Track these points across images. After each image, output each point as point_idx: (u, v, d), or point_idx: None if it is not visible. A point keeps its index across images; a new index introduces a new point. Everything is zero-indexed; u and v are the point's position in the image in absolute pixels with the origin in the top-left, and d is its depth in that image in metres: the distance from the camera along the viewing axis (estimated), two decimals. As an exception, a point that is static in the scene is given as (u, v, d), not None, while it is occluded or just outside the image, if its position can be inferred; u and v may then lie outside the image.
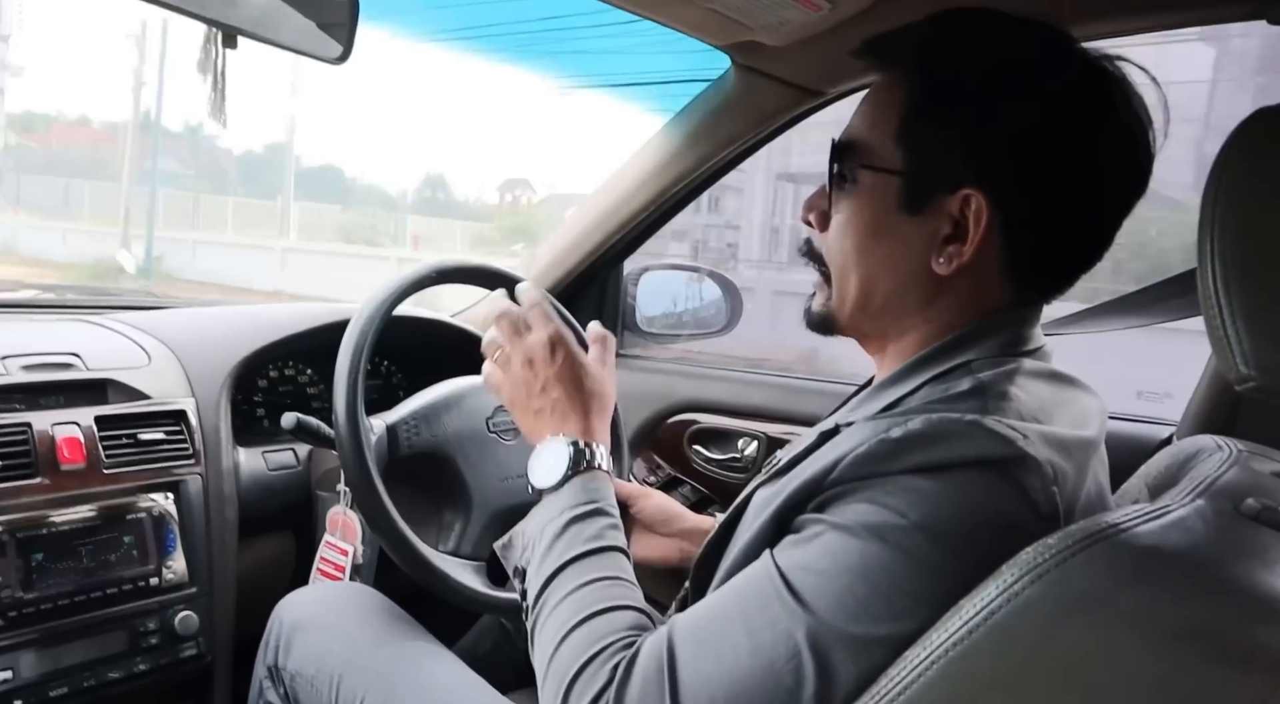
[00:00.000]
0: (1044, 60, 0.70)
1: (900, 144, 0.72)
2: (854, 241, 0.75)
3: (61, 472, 1.05)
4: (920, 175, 0.71)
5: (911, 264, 0.73)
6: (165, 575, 1.12)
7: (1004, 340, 0.72)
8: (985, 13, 0.72)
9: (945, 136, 0.70)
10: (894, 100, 0.73)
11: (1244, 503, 0.57)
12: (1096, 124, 0.69)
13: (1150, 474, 0.81)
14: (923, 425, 0.62)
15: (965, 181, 0.69)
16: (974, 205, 0.69)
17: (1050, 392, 0.69)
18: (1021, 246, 0.71)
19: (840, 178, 0.76)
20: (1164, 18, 1.05)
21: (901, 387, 0.72)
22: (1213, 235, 0.52)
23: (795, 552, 0.63)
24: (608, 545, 0.75)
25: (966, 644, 0.52)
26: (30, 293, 1.58)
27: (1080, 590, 0.50)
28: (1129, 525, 0.52)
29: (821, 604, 0.59)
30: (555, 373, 0.85)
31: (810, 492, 0.66)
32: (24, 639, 1.00)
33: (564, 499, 0.79)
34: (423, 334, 1.52)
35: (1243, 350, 0.50)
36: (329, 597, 1.10)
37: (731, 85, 1.41)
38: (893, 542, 0.59)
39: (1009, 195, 0.69)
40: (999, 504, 0.59)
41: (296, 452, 1.31)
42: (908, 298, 0.74)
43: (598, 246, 1.71)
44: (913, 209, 0.72)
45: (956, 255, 0.70)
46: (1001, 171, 0.69)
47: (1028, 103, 0.68)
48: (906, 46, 0.74)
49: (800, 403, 1.58)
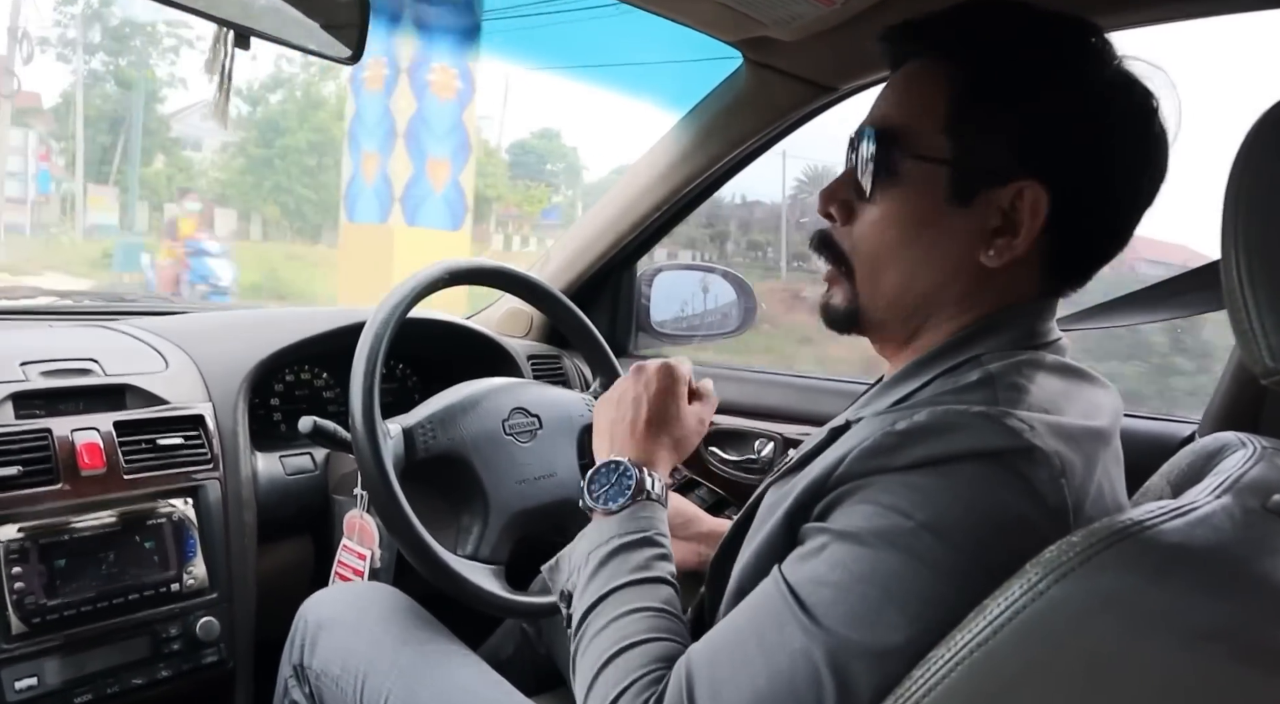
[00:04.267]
0: (1089, 53, 0.70)
1: (949, 134, 0.70)
2: (896, 235, 0.73)
3: (82, 477, 1.05)
4: (972, 166, 0.70)
5: (955, 258, 0.71)
6: (186, 581, 1.12)
7: (1018, 334, 0.71)
8: (1019, 4, 0.71)
9: (999, 127, 0.69)
10: (940, 89, 0.71)
11: (1270, 499, 0.56)
12: (1134, 116, 0.69)
13: (1173, 472, 0.80)
14: (927, 418, 0.62)
15: (1019, 173, 0.68)
16: (1029, 197, 0.68)
17: (1061, 385, 0.68)
18: (1068, 239, 0.70)
19: (880, 168, 0.72)
20: (1188, 6, 1.04)
21: (913, 381, 0.72)
22: (1236, 227, 0.51)
23: (804, 566, 0.62)
24: (653, 576, 0.74)
25: (991, 644, 0.51)
26: (48, 299, 1.59)
27: (1106, 589, 0.49)
28: (1154, 523, 0.51)
29: (835, 619, 0.59)
30: (651, 393, 0.88)
31: (817, 491, 0.66)
32: (48, 645, 1.01)
33: (614, 526, 0.78)
34: (437, 336, 1.52)
35: (1269, 344, 0.49)
36: (354, 596, 1.11)
37: (743, 82, 1.41)
38: (901, 546, 0.58)
39: (1065, 187, 0.68)
40: (1004, 497, 0.59)
41: (314, 456, 1.32)
42: (947, 291, 0.73)
43: (611, 247, 1.71)
44: (962, 200, 0.70)
45: (1008, 248, 0.69)
46: (1058, 163, 0.68)
47: (1077, 95, 0.68)
48: (952, 32, 0.72)
49: (816, 403, 1.57)
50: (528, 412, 1.21)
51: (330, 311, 1.43)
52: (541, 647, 1.27)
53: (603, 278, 1.79)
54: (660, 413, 0.88)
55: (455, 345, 1.55)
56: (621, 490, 0.80)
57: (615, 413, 0.89)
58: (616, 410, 0.89)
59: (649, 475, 0.82)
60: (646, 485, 0.81)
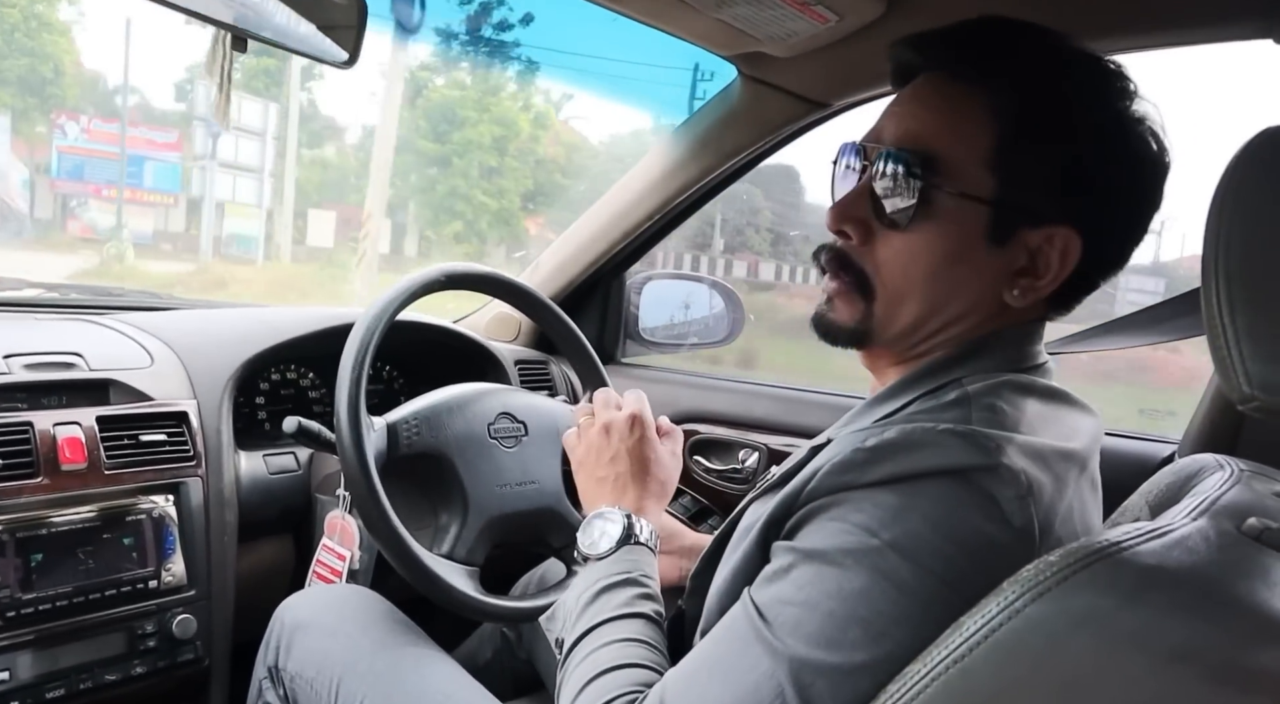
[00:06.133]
0: (1122, 90, 0.69)
1: (992, 169, 0.67)
2: (925, 268, 0.70)
3: (62, 472, 1.05)
4: (1012, 206, 0.68)
5: (979, 293, 0.70)
6: (164, 578, 1.11)
7: (1003, 357, 0.71)
8: (1039, 29, 0.70)
9: (1043, 169, 0.67)
10: (984, 120, 0.67)
11: (1246, 523, 0.57)
12: (1154, 156, 0.69)
13: (1151, 492, 0.81)
14: (896, 435, 0.62)
15: (1054, 217, 0.67)
16: (1059, 243, 0.67)
17: (1039, 407, 0.68)
18: (1082, 278, 0.71)
19: (921, 199, 0.68)
20: (1168, 36, 1.06)
21: (896, 400, 0.72)
22: (1217, 255, 0.52)
23: (771, 586, 0.63)
24: (635, 611, 0.76)
25: (967, 661, 0.52)
26: (34, 292, 1.58)
27: (1081, 608, 0.50)
28: (1131, 544, 0.52)
29: (800, 638, 0.59)
30: (628, 448, 0.92)
31: (789, 507, 0.66)
32: (21, 640, 1.00)
33: (601, 569, 0.81)
34: (424, 339, 1.52)
35: (1246, 370, 0.50)
36: (331, 599, 1.10)
37: (738, 96, 1.42)
38: (867, 565, 0.59)
39: (1097, 235, 0.68)
40: (969, 516, 0.59)
41: (297, 455, 1.31)
42: (963, 323, 0.72)
43: (601, 255, 1.72)
44: (999, 241, 0.68)
45: (1031, 289, 0.69)
46: (1094, 210, 0.67)
47: (1115, 135, 0.67)
48: (994, 57, 0.69)
49: (802, 415, 1.58)
50: (514, 418, 1.21)
51: (318, 312, 1.43)
52: (521, 652, 1.27)
53: (592, 285, 1.80)
54: (643, 464, 0.92)
55: (443, 349, 1.55)
56: (610, 538, 0.84)
57: (600, 471, 0.92)
58: (599, 468, 0.93)
59: (638, 522, 0.86)
60: (635, 531, 0.85)
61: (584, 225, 1.73)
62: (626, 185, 1.64)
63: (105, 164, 12.58)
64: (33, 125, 12.71)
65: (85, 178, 12.56)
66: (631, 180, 1.63)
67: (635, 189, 1.62)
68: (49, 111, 12.58)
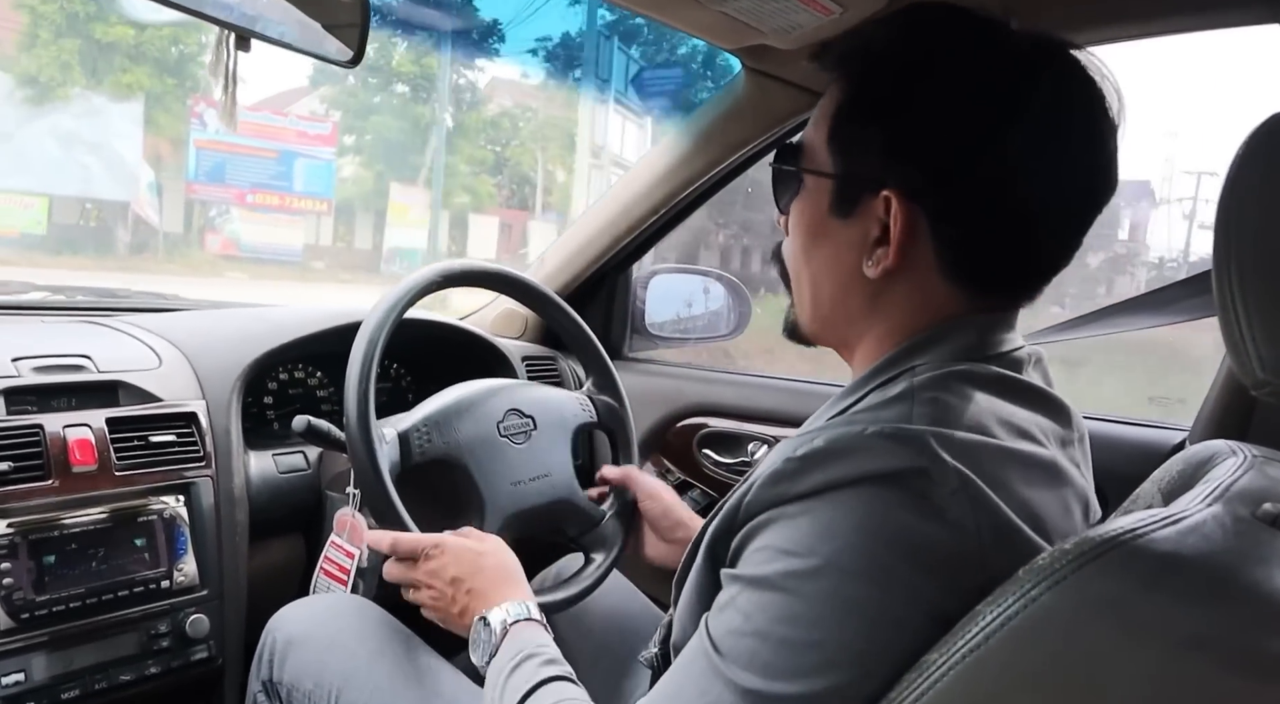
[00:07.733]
0: (971, 52, 0.67)
1: (831, 147, 0.72)
2: (799, 245, 0.76)
3: (73, 473, 1.05)
4: (848, 177, 0.71)
5: (846, 269, 0.72)
6: (176, 578, 1.12)
7: (958, 347, 0.69)
8: (931, 7, 0.70)
9: (867, 137, 0.70)
10: (829, 103, 0.73)
11: (1260, 508, 0.56)
12: (1026, 117, 0.65)
13: (1163, 479, 0.80)
14: (824, 443, 0.61)
15: (886, 183, 0.68)
16: (892, 207, 0.67)
17: (988, 399, 0.65)
18: (952, 248, 0.68)
19: (785, 181, 0.76)
20: (1173, 22, 1.05)
21: (855, 393, 0.71)
22: (1229, 237, 0.52)
23: (722, 617, 0.62)
24: (535, 683, 0.78)
25: (983, 650, 0.51)
26: (41, 294, 1.58)
27: (1097, 597, 0.50)
28: (1145, 531, 0.52)
29: (756, 670, 0.58)
30: (452, 577, 0.95)
31: (730, 521, 0.66)
32: (35, 641, 1.00)
33: (499, 662, 0.84)
34: (431, 337, 1.52)
35: (1259, 354, 0.50)
36: (325, 610, 1.08)
37: (742, 89, 1.41)
38: (811, 587, 0.58)
39: (927, 194, 0.67)
40: (905, 519, 0.57)
41: (307, 454, 1.32)
42: (849, 303, 0.74)
43: (606, 250, 1.72)
44: (843, 213, 0.71)
45: (883, 259, 0.69)
46: (916, 170, 0.67)
47: (944, 98, 0.66)
48: (842, 49, 0.74)
49: (810, 406, 1.56)
50: (522, 413, 1.21)
51: (325, 311, 1.43)
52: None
53: (598, 280, 1.80)
54: (472, 572, 0.95)
55: (450, 346, 1.55)
56: (491, 640, 0.86)
57: (454, 609, 0.95)
58: (452, 608, 0.95)
59: (501, 612, 0.88)
60: (505, 620, 0.87)
61: (589, 220, 1.73)
62: (631, 180, 1.64)
63: (252, 162, 10.57)
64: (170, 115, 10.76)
65: (227, 180, 10.61)
66: (637, 175, 1.63)
67: (641, 183, 1.62)
68: (186, 97, 10.60)
